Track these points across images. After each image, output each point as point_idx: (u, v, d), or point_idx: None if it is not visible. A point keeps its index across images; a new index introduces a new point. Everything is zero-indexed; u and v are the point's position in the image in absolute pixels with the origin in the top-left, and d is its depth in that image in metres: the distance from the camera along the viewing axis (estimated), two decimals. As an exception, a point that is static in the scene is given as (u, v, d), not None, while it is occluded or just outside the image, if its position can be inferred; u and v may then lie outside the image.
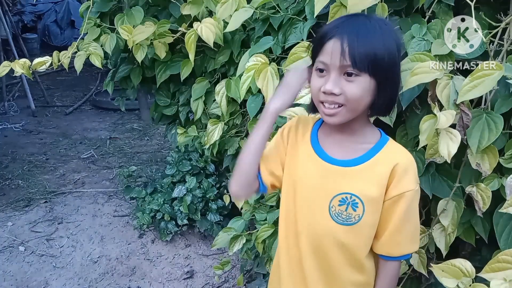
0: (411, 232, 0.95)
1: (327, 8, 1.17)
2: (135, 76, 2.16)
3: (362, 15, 0.88)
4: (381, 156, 0.91)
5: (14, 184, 3.02)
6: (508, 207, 0.88)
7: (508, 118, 1.02)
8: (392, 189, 0.90)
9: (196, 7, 1.70)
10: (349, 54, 0.82)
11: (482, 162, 1.00)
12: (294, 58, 1.20)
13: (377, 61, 0.83)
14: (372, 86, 0.85)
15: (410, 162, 0.92)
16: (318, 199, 0.94)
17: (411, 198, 0.90)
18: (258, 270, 1.94)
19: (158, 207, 2.35)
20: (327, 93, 0.85)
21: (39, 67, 1.81)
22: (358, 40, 0.82)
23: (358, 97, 0.85)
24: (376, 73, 0.84)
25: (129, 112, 4.50)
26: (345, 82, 0.84)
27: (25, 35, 6.41)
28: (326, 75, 0.86)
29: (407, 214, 0.91)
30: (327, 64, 0.85)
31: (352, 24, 0.85)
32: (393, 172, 0.89)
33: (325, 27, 0.88)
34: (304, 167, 0.97)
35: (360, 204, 0.90)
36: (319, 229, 0.94)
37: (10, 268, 2.21)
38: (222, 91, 1.70)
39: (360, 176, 0.91)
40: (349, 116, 0.88)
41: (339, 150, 0.94)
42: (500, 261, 0.80)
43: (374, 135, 0.95)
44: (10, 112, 4.46)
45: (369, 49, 0.82)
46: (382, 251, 0.96)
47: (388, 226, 0.92)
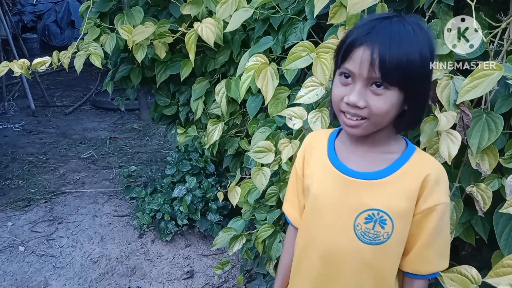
0: (441, 248, 0.87)
1: (327, 8, 1.17)
2: (135, 76, 2.15)
3: (395, 17, 0.79)
4: (409, 166, 0.84)
5: (14, 184, 3.02)
6: (508, 207, 0.88)
7: (508, 118, 1.02)
8: (423, 202, 0.82)
9: (196, 7, 1.70)
10: (379, 65, 0.74)
11: (482, 162, 1.00)
12: (293, 58, 1.20)
13: (409, 74, 0.76)
14: (401, 99, 0.78)
15: (442, 173, 0.84)
16: (341, 216, 0.86)
17: (443, 211, 0.83)
18: (258, 270, 1.94)
19: (158, 207, 2.35)
20: (350, 105, 0.79)
21: (39, 67, 1.80)
22: (390, 51, 0.74)
23: (384, 112, 0.78)
24: (406, 86, 0.77)
25: (129, 112, 4.51)
26: (371, 94, 0.77)
27: (25, 35, 6.41)
28: (351, 84, 0.79)
29: (438, 228, 0.84)
30: (353, 72, 0.78)
31: (384, 30, 0.76)
32: (423, 184, 0.82)
33: (355, 31, 0.80)
34: (322, 182, 0.90)
35: (389, 220, 0.82)
36: (344, 250, 0.86)
37: (10, 268, 2.21)
38: (222, 91, 1.70)
39: (386, 190, 0.83)
40: (371, 129, 0.81)
41: (361, 162, 0.87)
42: (505, 265, 0.78)
43: (400, 144, 0.88)
44: (10, 112, 4.46)
45: (402, 61, 0.74)
46: (410, 269, 0.88)
47: (417, 241, 0.85)
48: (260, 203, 1.62)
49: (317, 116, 1.17)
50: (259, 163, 1.39)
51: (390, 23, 0.77)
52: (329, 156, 0.90)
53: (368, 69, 0.75)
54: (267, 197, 1.50)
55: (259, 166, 1.40)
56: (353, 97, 0.78)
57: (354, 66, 0.78)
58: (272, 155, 1.32)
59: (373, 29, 0.77)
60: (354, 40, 0.78)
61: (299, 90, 1.21)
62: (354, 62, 0.77)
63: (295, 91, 1.35)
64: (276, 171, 1.43)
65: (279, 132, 1.45)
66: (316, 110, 1.18)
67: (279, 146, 1.27)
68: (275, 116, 1.45)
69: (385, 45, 0.74)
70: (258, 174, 1.37)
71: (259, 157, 1.33)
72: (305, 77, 1.37)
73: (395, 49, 0.74)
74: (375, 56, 0.74)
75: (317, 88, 1.17)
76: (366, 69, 0.76)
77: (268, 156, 1.32)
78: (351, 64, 0.78)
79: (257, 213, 1.60)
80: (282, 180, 1.44)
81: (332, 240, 0.88)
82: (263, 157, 1.33)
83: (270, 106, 1.39)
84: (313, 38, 1.39)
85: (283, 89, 1.38)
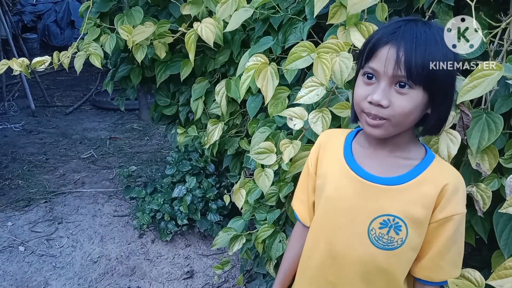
0: (455, 257, 0.86)
1: (327, 8, 1.17)
2: (135, 76, 2.15)
3: (420, 21, 0.80)
4: (428, 174, 0.83)
5: (14, 184, 3.02)
6: (508, 207, 0.88)
7: (508, 118, 1.02)
8: (440, 211, 0.82)
9: (196, 7, 1.70)
10: (405, 63, 0.74)
11: (482, 162, 1.00)
12: (294, 58, 1.20)
13: (435, 74, 0.76)
14: (425, 101, 0.78)
15: (461, 183, 0.83)
16: (355, 220, 0.85)
17: (459, 221, 0.82)
18: (258, 270, 1.94)
19: (158, 207, 2.35)
20: (373, 104, 0.78)
21: (38, 66, 1.80)
22: (416, 49, 0.74)
23: (407, 112, 0.77)
24: (431, 87, 0.77)
25: (129, 112, 4.50)
26: (395, 94, 0.77)
27: (25, 35, 6.40)
28: (374, 83, 0.79)
29: (453, 238, 0.83)
30: (378, 71, 0.78)
31: (410, 30, 0.77)
32: (442, 193, 0.81)
33: (380, 31, 0.81)
34: (337, 184, 0.88)
35: (404, 227, 0.81)
36: (357, 254, 0.86)
37: (10, 268, 2.20)
38: (222, 91, 1.70)
39: (404, 196, 0.82)
40: (393, 130, 0.80)
41: (379, 166, 0.85)
42: (507, 267, 0.78)
43: (419, 150, 0.87)
44: (10, 112, 4.45)
45: (427, 60, 0.75)
46: (422, 276, 0.87)
47: (431, 249, 0.85)
48: (260, 203, 1.62)
49: (317, 117, 1.17)
50: (259, 164, 1.38)
51: (416, 25, 0.78)
52: (346, 158, 0.89)
53: (394, 67, 0.75)
54: (267, 197, 1.50)
55: (259, 166, 1.40)
56: (377, 95, 0.77)
57: (379, 65, 0.77)
58: (274, 156, 1.31)
59: (398, 29, 0.77)
60: (379, 39, 0.78)
61: (299, 90, 1.20)
62: (379, 60, 0.77)
63: (295, 91, 1.35)
64: (276, 171, 1.43)
65: (279, 132, 1.45)
66: (316, 110, 1.18)
67: (280, 146, 1.27)
68: (275, 116, 1.45)
69: (411, 44, 0.75)
70: (261, 176, 1.37)
71: (261, 158, 1.33)
72: (305, 77, 1.37)
73: (420, 48, 0.75)
74: (400, 54, 0.75)
75: (317, 88, 1.17)
76: (391, 67, 0.76)
77: (269, 157, 1.32)
78: (376, 63, 0.78)
79: (257, 213, 1.60)
80: (282, 180, 1.43)
81: (345, 243, 0.87)
82: (264, 158, 1.32)
83: (270, 106, 1.39)
84: (313, 38, 1.39)
85: (283, 89, 1.38)
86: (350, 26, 1.12)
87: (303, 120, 1.21)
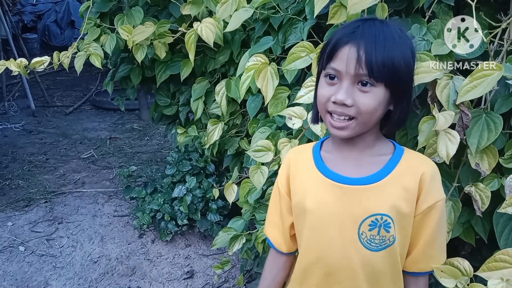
0: (442, 243, 0.87)
1: (327, 8, 1.17)
2: (135, 76, 2.15)
3: (377, 20, 0.81)
4: (402, 166, 0.84)
5: (14, 184, 3.02)
6: (507, 207, 0.88)
7: (508, 118, 1.02)
8: (423, 201, 0.82)
9: (196, 7, 1.70)
10: (366, 62, 0.75)
11: (481, 162, 1.00)
12: (293, 58, 1.20)
13: (395, 70, 0.77)
14: (387, 97, 0.79)
15: (435, 169, 0.85)
16: (343, 228, 0.84)
17: (442, 207, 0.84)
18: (258, 270, 1.94)
19: (158, 207, 2.35)
20: (337, 103, 0.78)
21: (38, 67, 1.80)
22: (376, 47, 0.75)
23: (372, 109, 0.78)
24: (392, 83, 0.78)
25: (129, 112, 4.51)
26: (358, 92, 0.78)
27: (25, 35, 6.41)
28: (337, 84, 0.79)
29: (439, 225, 0.84)
30: (340, 71, 0.78)
31: (369, 29, 0.78)
32: (421, 183, 0.82)
33: (339, 31, 0.81)
34: (317, 196, 0.86)
35: (392, 223, 0.81)
36: (352, 262, 0.84)
37: (10, 268, 2.21)
38: (222, 91, 1.70)
39: (386, 192, 0.82)
40: (359, 130, 0.81)
41: (353, 168, 0.85)
42: (497, 260, 0.79)
43: (388, 145, 0.88)
44: (10, 112, 4.46)
45: (387, 58, 0.76)
46: (415, 268, 0.87)
47: (419, 240, 0.85)
48: (260, 203, 1.61)
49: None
50: (259, 162, 1.39)
51: (374, 24, 0.80)
52: (319, 167, 0.88)
53: (355, 66, 0.76)
54: (267, 197, 1.50)
55: (258, 165, 1.40)
56: (340, 95, 0.78)
57: (340, 64, 0.78)
58: (271, 154, 1.32)
59: (357, 29, 0.78)
60: (339, 40, 0.79)
61: (299, 90, 1.20)
62: (341, 60, 0.78)
63: (295, 91, 1.34)
64: (276, 171, 1.43)
65: (279, 132, 1.45)
66: (316, 110, 1.18)
67: (278, 145, 1.27)
68: (275, 116, 1.45)
69: (371, 42, 0.76)
70: (256, 173, 1.37)
71: (258, 156, 1.33)
72: (305, 77, 1.37)
73: (380, 46, 0.76)
74: (361, 53, 0.75)
75: (317, 88, 1.16)
76: (353, 66, 0.76)
77: (267, 155, 1.32)
78: (337, 63, 0.79)
79: (257, 213, 1.60)
80: (282, 180, 1.44)
81: (339, 254, 0.85)
82: (262, 156, 1.33)
83: (270, 106, 1.39)
84: (313, 38, 1.39)
85: (283, 89, 1.38)
86: (350, 26, 1.12)
87: (302, 119, 1.21)
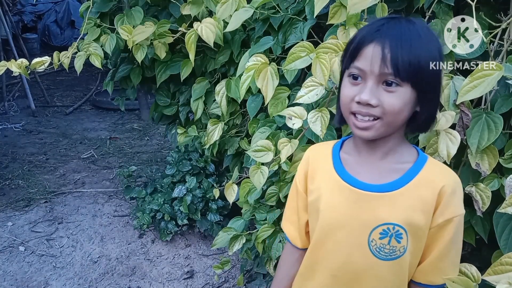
0: (455, 257, 0.84)
1: (327, 8, 1.17)
2: (135, 76, 2.15)
3: (403, 18, 0.78)
4: (423, 176, 0.80)
5: (14, 184, 3.02)
6: (507, 207, 0.88)
7: (508, 118, 1.02)
8: (439, 215, 0.79)
9: (196, 7, 1.70)
10: (391, 61, 0.72)
11: (482, 162, 1.00)
12: (293, 58, 1.20)
13: (421, 70, 0.74)
14: (413, 98, 0.76)
15: (457, 183, 0.81)
16: (354, 233, 0.82)
17: (459, 222, 0.81)
18: (258, 270, 1.94)
19: (158, 207, 2.35)
20: (362, 104, 0.76)
21: (38, 67, 1.80)
22: (401, 46, 0.72)
23: (398, 110, 0.75)
24: (419, 83, 0.75)
25: (129, 112, 4.51)
26: (383, 92, 0.75)
27: (25, 35, 6.41)
28: (361, 83, 0.77)
29: (453, 240, 0.81)
30: (364, 70, 0.76)
31: (394, 28, 0.75)
32: (440, 196, 0.78)
33: (363, 30, 0.79)
34: (331, 198, 0.85)
35: (404, 234, 0.79)
36: (359, 268, 0.83)
37: (10, 268, 2.21)
38: (222, 91, 1.70)
39: (401, 202, 0.79)
40: (384, 131, 0.78)
41: (372, 174, 0.83)
42: (503, 263, 0.78)
43: (411, 153, 0.84)
44: (10, 112, 4.46)
45: (413, 57, 0.73)
46: (423, 280, 0.85)
47: (431, 252, 0.83)
48: (260, 203, 1.62)
49: (316, 116, 1.17)
50: (259, 162, 1.39)
51: (399, 22, 0.76)
52: (336, 169, 0.86)
53: (380, 65, 0.73)
54: (267, 197, 1.50)
55: (258, 165, 1.40)
56: (365, 95, 0.75)
57: (365, 64, 0.75)
58: (271, 154, 1.32)
59: (382, 27, 0.76)
60: (363, 38, 0.76)
61: (299, 90, 1.21)
62: (365, 59, 0.75)
63: (295, 91, 1.34)
64: (276, 171, 1.43)
65: (279, 132, 1.45)
66: (316, 110, 1.18)
67: (278, 145, 1.27)
68: (275, 116, 1.45)
69: (396, 41, 0.73)
70: (256, 173, 1.37)
71: (258, 156, 1.33)
72: (305, 77, 1.37)
73: (406, 44, 0.73)
74: (386, 51, 0.73)
75: (317, 88, 1.17)
76: (377, 65, 0.74)
77: (267, 155, 1.32)
78: (362, 62, 0.76)
79: (257, 213, 1.60)
80: (282, 180, 1.44)
81: (345, 258, 0.84)
82: (262, 156, 1.33)
83: (270, 106, 1.39)
84: (313, 38, 1.39)
85: (283, 89, 1.38)
86: (350, 26, 1.12)
87: (302, 119, 1.21)
